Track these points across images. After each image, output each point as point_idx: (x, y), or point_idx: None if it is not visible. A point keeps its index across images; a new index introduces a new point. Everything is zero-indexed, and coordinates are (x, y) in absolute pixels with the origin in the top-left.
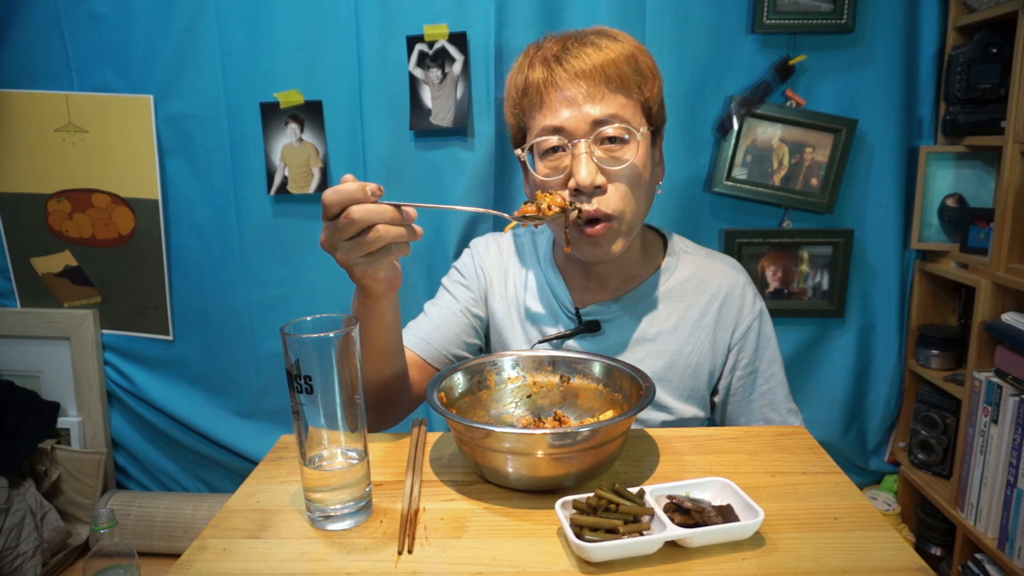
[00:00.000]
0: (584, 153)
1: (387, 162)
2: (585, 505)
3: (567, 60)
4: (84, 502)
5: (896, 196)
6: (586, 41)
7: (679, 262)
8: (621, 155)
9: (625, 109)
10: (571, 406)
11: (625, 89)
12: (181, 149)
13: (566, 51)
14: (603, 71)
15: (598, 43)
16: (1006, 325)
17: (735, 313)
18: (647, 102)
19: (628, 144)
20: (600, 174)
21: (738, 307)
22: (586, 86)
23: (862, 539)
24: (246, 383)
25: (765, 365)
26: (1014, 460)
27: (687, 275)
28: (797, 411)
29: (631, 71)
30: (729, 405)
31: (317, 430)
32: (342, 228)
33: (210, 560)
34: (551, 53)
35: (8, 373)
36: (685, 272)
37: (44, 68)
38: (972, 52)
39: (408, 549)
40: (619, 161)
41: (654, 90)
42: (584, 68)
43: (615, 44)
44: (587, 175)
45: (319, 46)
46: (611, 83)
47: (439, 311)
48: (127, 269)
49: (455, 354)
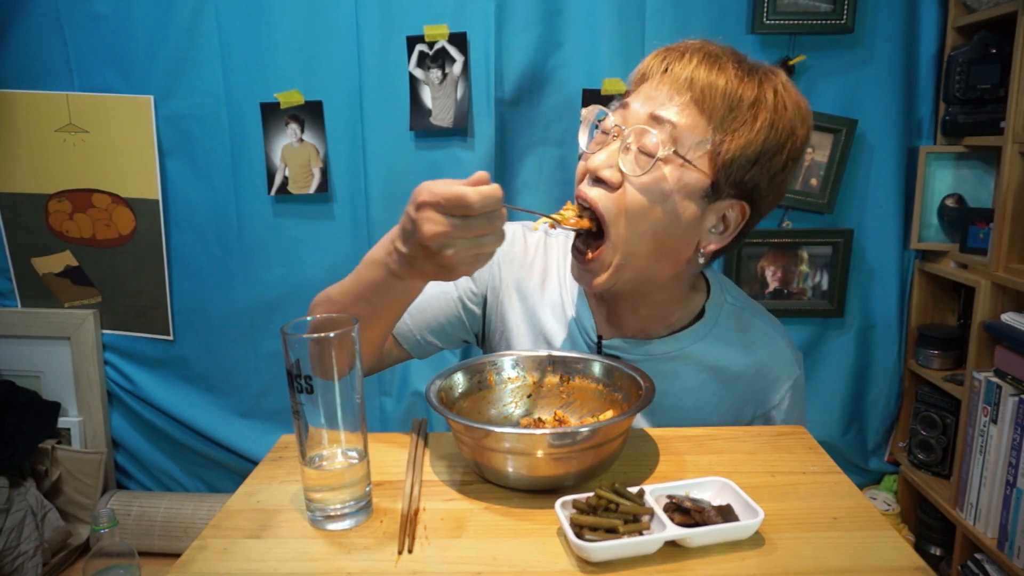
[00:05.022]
0: (613, 147)
1: (387, 162)
2: (585, 505)
3: (681, 63)
4: (84, 502)
5: (896, 196)
6: (724, 63)
7: (719, 315)
8: (640, 165)
9: (691, 135)
10: (571, 406)
11: (704, 111)
12: (181, 149)
13: (690, 60)
14: (701, 87)
15: (733, 69)
16: (1006, 325)
17: (767, 386)
18: (719, 147)
19: (653, 164)
20: (613, 168)
21: (772, 380)
22: (674, 88)
23: (862, 539)
24: (246, 383)
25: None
26: (1013, 460)
27: (726, 332)
28: None
29: (726, 106)
30: None
31: (317, 430)
32: (473, 230)
33: (210, 560)
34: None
35: (8, 373)
36: (723, 330)
37: (44, 68)
38: (972, 52)
39: (408, 549)
40: (635, 168)
41: (738, 139)
42: (687, 76)
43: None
44: (600, 161)
45: (319, 46)
46: (695, 95)
47: (433, 289)
48: (127, 269)
49: (428, 340)
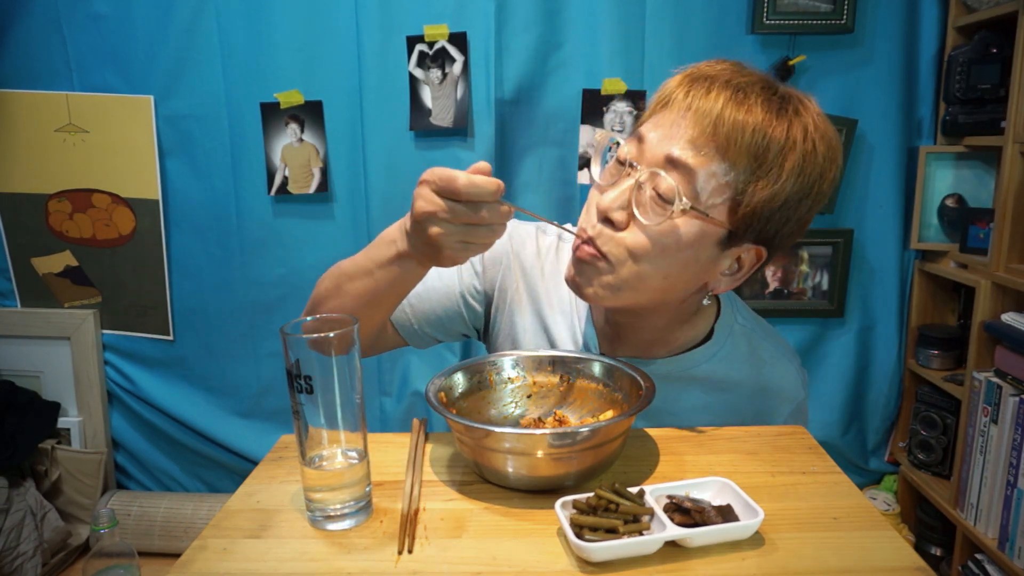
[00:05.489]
0: (625, 187)
1: (387, 162)
2: (585, 505)
3: (706, 98)
4: (84, 502)
5: (896, 196)
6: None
7: (728, 337)
8: (654, 212)
9: (710, 180)
10: (571, 406)
11: (728, 156)
12: (181, 149)
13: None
14: (726, 128)
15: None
16: (1006, 325)
17: (771, 410)
18: (740, 194)
19: (667, 212)
20: (624, 211)
21: (776, 404)
22: (696, 125)
23: (862, 539)
24: (246, 383)
25: None
26: (1014, 460)
27: (733, 357)
28: None
29: (756, 150)
30: None
31: (317, 430)
32: (459, 215)
33: (210, 560)
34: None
35: (8, 373)
36: (732, 353)
37: (44, 68)
38: (972, 52)
39: (408, 549)
40: (647, 215)
41: (762, 191)
42: (711, 112)
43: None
44: (611, 202)
45: (319, 46)
46: (719, 139)
47: (436, 281)
48: (127, 269)
49: (425, 331)
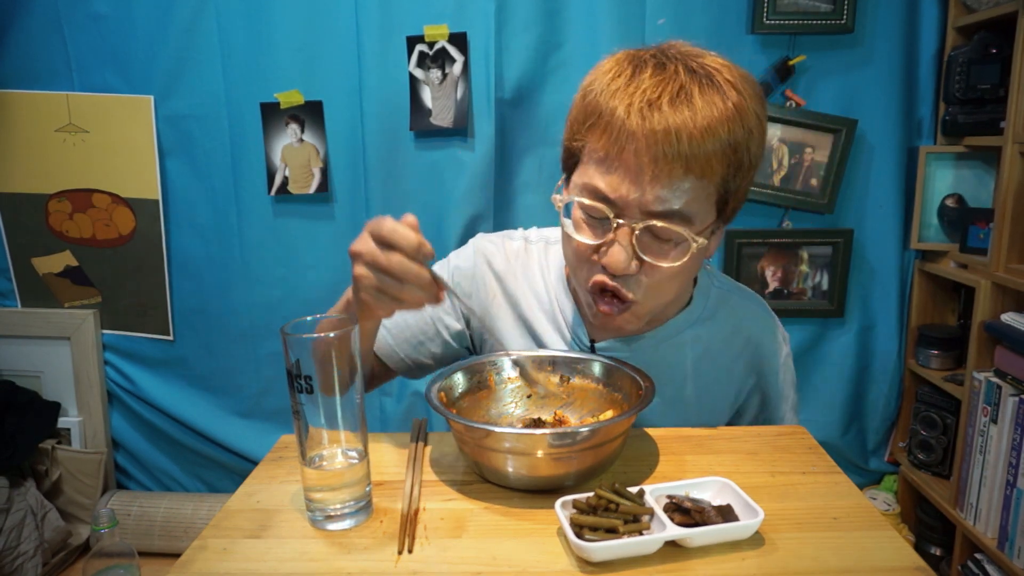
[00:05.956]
0: (623, 243)
1: (387, 162)
2: (585, 505)
3: (651, 116)
4: (84, 502)
5: (896, 196)
6: (686, 95)
7: (707, 300)
8: (665, 253)
9: (691, 206)
10: (571, 406)
11: (704, 176)
12: (181, 149)
13: (657, 102)
14: (687, 149)
15: (698, 102)
16: (1006, 325)
17: (760, 360)
18: (726, 193)
19: (679, 247)
20: (635, 261)
21: (765, 354)
22: (659, 162)
23: (862, 539)
24: (246, 383)
25: (782, 402)
26: (1013, 460)
27: (715, 315)
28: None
29: (721, 154)
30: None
31: (317, 430)
32: (375, 261)
33: (210, 560)
34: (642, 96)
35: (8, 373)
36: (713, 311)
37: (44, 68)
38: (972, 52)
39: (408, 549)
40: (661, 258)
41: (743, 181)
42: (664, 134)
43: (716, 105)
44: (619, 264)
45: (319, 46)
46: (691, 167)
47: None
48: (127, 269)
49: (412, 358)
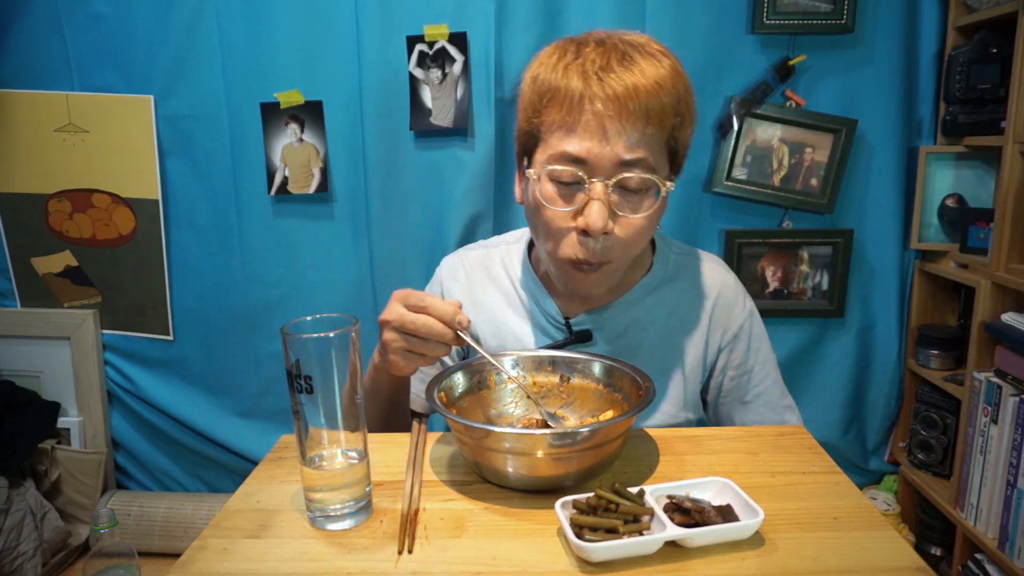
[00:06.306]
0: (600, 199)
1: (387, 162)
2: (585, 505)
3: (608, 79)
4: (84, 502)
5: (896, 196)
6: (630, 59)
7: (667, 264)
8: (637, 204)
9: (656, 153)
10: (571, 406)
11: (661, 126)
12: (181, 149)
13: (608, 66)
14: (645, 102)
15: (643, 64)
16: (1006, 325)
17: (726, 314)
18: (676, 143)
19: (647, 195)
20: (611, 220)
21: (729, 308)
22: (623, 116)
23: (862, 539)
24: (246, 383)
25: (759, 366)
26: (1014, 460)
27: (677, 277)
28: (793, 406)
29: (672, 106)
30: (721, 405)
31: (317, 430)
32: (403, 325)
33: (210, 560)
34: (593, 65)
35: (8, 373)
36: (674, 274)
37: (44, 68)
38: (972, 52)
39: (408, 549)
40: (633, 210)
41: (687, 131)
42: (624, 92)
43: (658, 67)
44: (599, 219)
45: (319, 46)
46: (651, 118)
47: None
48: (127, 269)
49: None
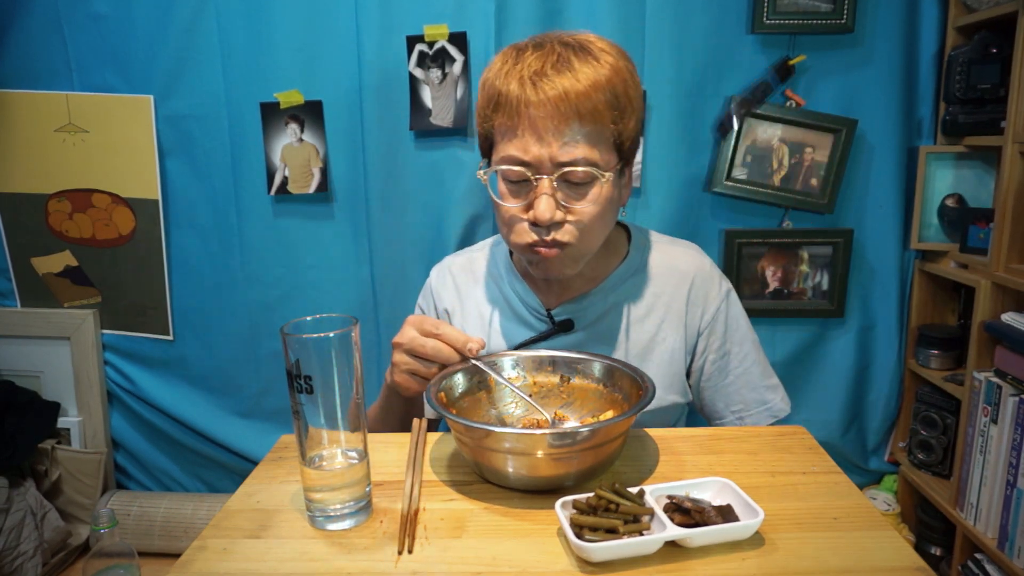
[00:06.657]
0: (546, 193)
1: (387, 162)
2: (585, 505)
3: (542, 84)
4: (84, 502)
5: (896, 196)
6: (566, 63)
7: (643, 251)
8: (583, 193)
9: (594, 150)
10: (571, 406)
11: (598, 123)
12: (181, 149)
13: (543, 73)
14: (576, 104)
15: (578, 66)
16: (1006, 325)
17: (703, 296)
18: (620, 136)
19: (592, 185)
20: (559, 210)
21: (705, 290)
22: (556, 119)
23: (862, 539)
24: (246, 383)
25: (737, 347)
26: (1014, 460)
27: (653, 263)
28: (777, 386)
29: (607, 103)
30: (704, 389)
31: (317, 430)
32: (413, 349)
33: (210, 560)
34: (529, 71)
35: (8, 373)
36: (650, 260)
37: (44, 68)
38: (972, 52)
39: (408, 549)
40: (580, 199)
41: (630, 123)
42: (556, 96)
43: (595, 68)
44: (546, 212)
45: (319, 46)
46: (584, 118)
47: None
48: (127, 269)
49: None
